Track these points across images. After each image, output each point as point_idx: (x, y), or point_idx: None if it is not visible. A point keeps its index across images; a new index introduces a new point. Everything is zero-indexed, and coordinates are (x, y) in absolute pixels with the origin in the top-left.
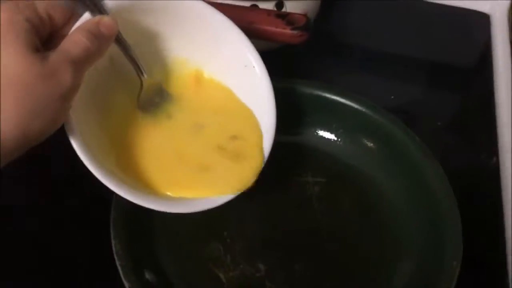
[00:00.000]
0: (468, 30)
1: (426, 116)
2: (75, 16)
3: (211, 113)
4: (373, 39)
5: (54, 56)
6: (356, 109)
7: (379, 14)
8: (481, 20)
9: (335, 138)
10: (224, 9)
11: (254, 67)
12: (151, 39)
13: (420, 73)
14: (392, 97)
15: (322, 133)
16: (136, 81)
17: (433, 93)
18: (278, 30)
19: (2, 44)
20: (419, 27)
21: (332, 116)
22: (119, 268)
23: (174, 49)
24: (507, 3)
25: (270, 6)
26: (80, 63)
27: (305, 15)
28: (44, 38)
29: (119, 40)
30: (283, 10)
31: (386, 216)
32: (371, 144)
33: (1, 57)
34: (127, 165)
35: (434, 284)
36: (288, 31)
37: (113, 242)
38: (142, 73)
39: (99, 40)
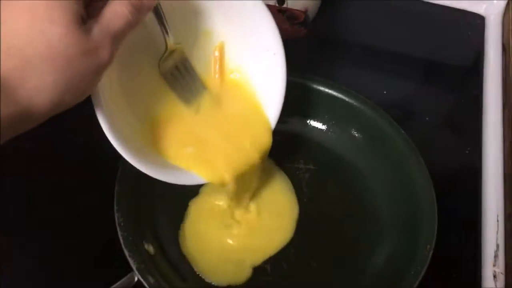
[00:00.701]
0: (463, 31)
1: (417, 112)
2: None
3: (231, 115)
4: (370, 37)
5: (97, 31)
6: (347, 102)
7: (377, 13)
8: (476, 22)
9: (327, 129)
10: None
11: (274, 54)
12: (181, 5)
13: (414, 70)
14: (385, 92)
15: (314, 123)
16: (161, 46)
17: (426, 90)
18: (277, 25)
19: (49, 17)
20: (416, 26)
21: (325, 108)
22: (120, 238)
23: (201, 18)
24: (502, 5)
25: (271, 1)
26: (119, 38)
27: (304, 11)
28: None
29: (156, 9)
30: (284, 6)
31: (369, 203)
32: (360, 136)
33: (48, 32)
34: (144, 131)
35: (409, 264)
36: (287, 26)
37: (116, 214)
38: (167, 34)
39: (140, 12)
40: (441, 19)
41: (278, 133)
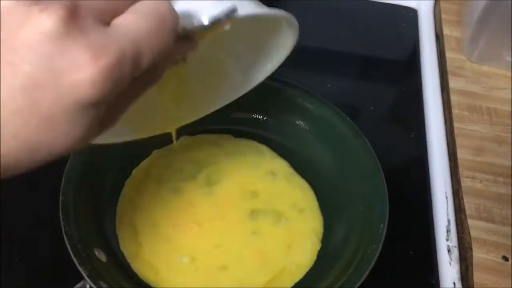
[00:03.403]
0: (398, 24)
1: (360, 105)
2: None
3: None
4: (306, 37)
5: None
6: (288, 93)
7: (312, 13)
8: (410, 14)
9: (270, 121)
10: None
11: None
12: None
13: (354, 67)
14: (327, 89)
15: (256, 116)
16: None
17: (368, 84)
18: None
19: None
20: (352, 24)
21: (266, 101)
22: (68, 246)
23: None
24: None
25: None
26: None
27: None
28: None
29: None
30: None
31: (320, 189)
32: (304, 125)
33: None
34: None
35: (365, 242)
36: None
37: (62, 223)
38: None
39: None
40: (376, 15)
41: (225, 130)
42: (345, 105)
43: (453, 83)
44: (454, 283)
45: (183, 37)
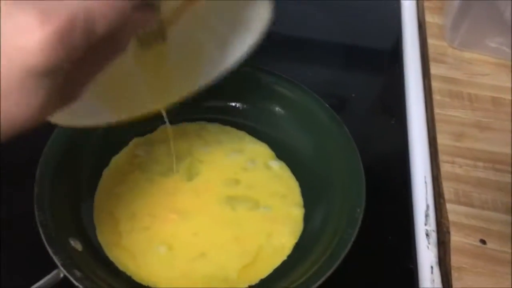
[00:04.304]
0: (381, 13)
1: (343, 94)
2: None
3: None
4: (289, 27)
5: None
6: (268, 81)
7: (294, 2)
8: (393, 3)
9: (248, 108)
10: None
11: None
12: None
13: (337, 57)
14: (311, 74)
15: (233, 104)
16: None
17: (351, 74)
18: None
19: None
20: (335, 14)
21: (244, 88)
22: (42, 236)
23: None
24: None
25: None
26: None
27: None
28: None
29: None
30: None
31: (302, 173)
32: (282, 112)
33: None
34: None
35: (342, 227)
36: None
37: (36, 213)
38: None
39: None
40: (359, 4)
41: (204, 118)
42: (327, 93)
43: (435, 69)
44: (431, 267)
45: (144, 6)
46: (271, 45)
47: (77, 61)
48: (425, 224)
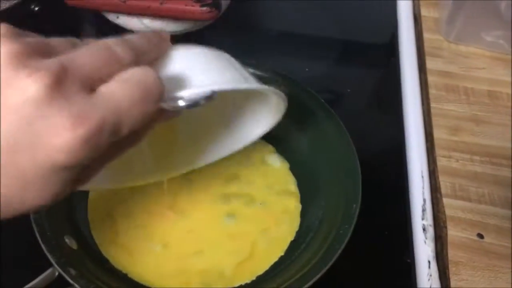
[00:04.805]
0: (376, 8)
1: (339, 89)
2: None
3: None
4: (286, 23)
5: None
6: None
7: None
8: None
9: None
10: None
11: None
12: None
13: (333, 52)
14: (307, 69)
15: None
16: None
17: (347, 68)
18: (188, 7)
19: None
20: (330, 9)
21: None
22: (36, 234)
23: None
24: None
25: None
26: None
27: None
28: None
29: None
30: None
31: (299, 168)
32: None
33: None
34: None
35: (338, 223)
36: (197, 8)
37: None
38: None
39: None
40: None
41: None
42: (323, 88)
43: (431, 63)
44: (429, 262)
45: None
46: (267, 40)
47: (98, 156)
48: (422, 219)
